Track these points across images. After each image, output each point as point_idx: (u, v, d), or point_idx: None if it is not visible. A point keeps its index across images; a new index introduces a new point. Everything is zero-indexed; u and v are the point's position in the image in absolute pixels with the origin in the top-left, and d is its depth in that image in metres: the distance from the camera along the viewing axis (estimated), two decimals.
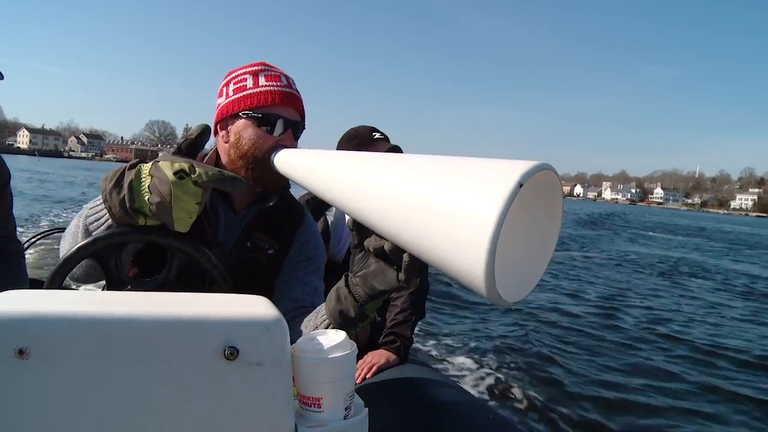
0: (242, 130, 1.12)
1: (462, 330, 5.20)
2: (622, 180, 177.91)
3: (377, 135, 1.91)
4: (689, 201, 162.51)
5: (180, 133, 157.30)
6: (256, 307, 0.62)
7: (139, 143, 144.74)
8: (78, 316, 0.55)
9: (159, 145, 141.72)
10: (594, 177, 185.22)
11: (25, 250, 2.01)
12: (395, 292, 2.01)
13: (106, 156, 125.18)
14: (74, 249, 0.84)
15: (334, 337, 0.66)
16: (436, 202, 0.60)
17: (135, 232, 0.86)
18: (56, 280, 0.84)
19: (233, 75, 1.17)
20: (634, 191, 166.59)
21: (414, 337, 2.00)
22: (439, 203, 0.59)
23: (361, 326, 0.92)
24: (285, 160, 1.04)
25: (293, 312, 1.12)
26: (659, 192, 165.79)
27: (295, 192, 1.35)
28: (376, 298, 0.86)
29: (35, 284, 2.06)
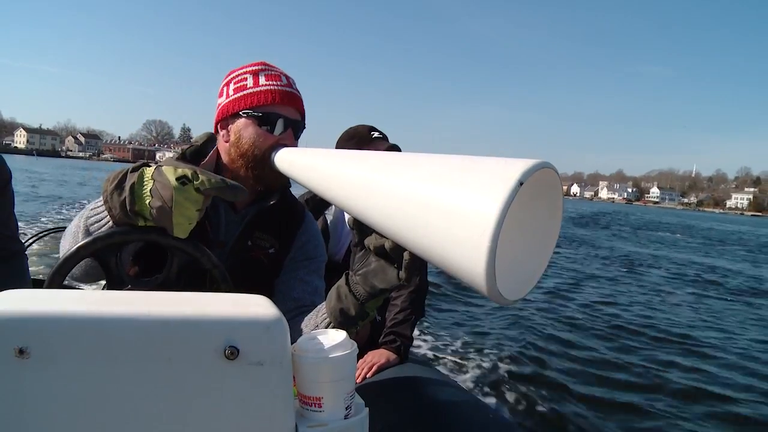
0: (242, 129, 1.12)
1: (462, 329, 5.20)
2: (618, 179, 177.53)
3: (376, 134, 1.91)
4: (685, 200, 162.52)
5: (177, 133, 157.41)
6: (257, 306, 0.62)
7: (136, 143, 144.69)
8: (78, 315, 0.55)
9: (156, 144, 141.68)
10: (591, 176, 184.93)
11: (26, 249, 2.02)
12: (395, 291, 2.01)
13: (104, 156, 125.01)
14: (74, 248, 0.84)
15: (334, 337, 0.66)
16: (436, 201, 0.60)
17: (135, 232, 0.86)
18: (56, 279, 0.84)
19: (234, 75, 1.17)
20: (630, 191, 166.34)
21: (414, 336, 2.00)
22: (440, 201, 0.59)
23: (362, 324, 0.92)
24: (285, 159, 1.04)
25: (294, 311, 1.12)
26: (655, 191, 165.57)
27: (295, 191, 1.35)
28: (377, 296, 0.86)
29: (36, 284, 2.06)
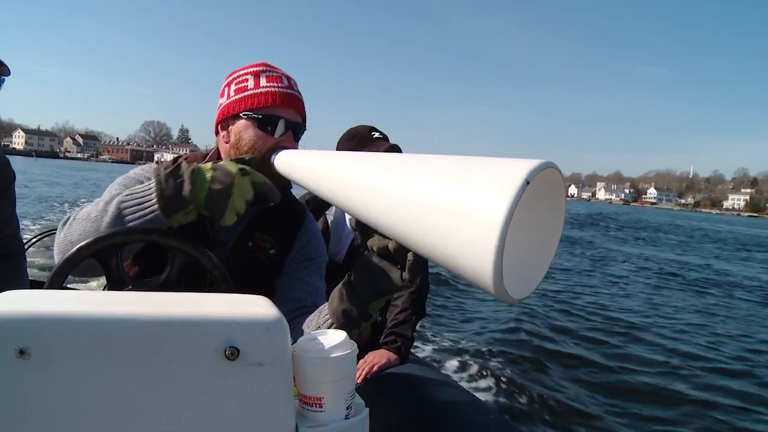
0: (243, 130, 1.12)
1: (463, 330, 5.20)
2: (616, 180, 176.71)
3: (376, 134, 1.90)
4: (682, 201, 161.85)
5: (175, 134, 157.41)
6: (257, 307, 0.62)
7: (134, 144, 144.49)
8: (78, 316, 0.55)
9: (154, 146, 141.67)
10: (589, 177, 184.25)
11: (25, 250, 2.02)
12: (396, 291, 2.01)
13: (102, 157, 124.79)
14: (75, 249, 0.84)
15: (334, 337, 0.66)
16: (442, 201, 0.59)
17: (136, 232, 0.86)
18: (57, 280, 0.84)
19: (235, 75, 1.16)
20: (627, 191, 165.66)
21: (415, 336, 2.00)
22: (446, 202, 0.59)
23: (365, 326, 0.92)
24: (285, 161, 1.04)
25: (295, 312, 1.12)
26: (653, 192, 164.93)
27: (295, 192, 1.35)
28: (380, 297, 0.86)
29: (35, 285, 2.06)
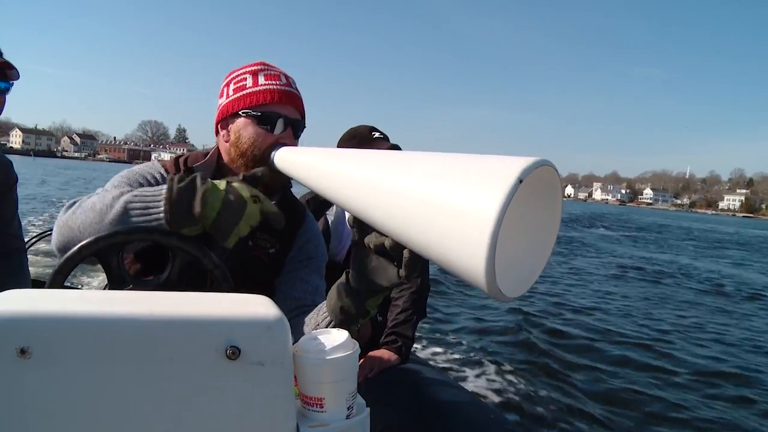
0: (242, 128, 1.12)
1: (463, 330, 5.20)
2: (613, 180, 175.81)
3: (377, 134, 1.91)
4: (678, 201, 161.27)
5: (173, 133, 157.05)
6: (258, 306, 0.62)
7: (131, 143, 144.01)
8: (80, 315, 0.55)
9: (152, 145, 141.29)
10: (585, 177, 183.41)
11: (26, 248, 2.02)
12: (396, 291, 2.01)
13: (99, 156, 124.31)
14: (76, 249, 0.84)
15: (336, 337, 0.66)
16: (436, 199, 0.60)
17: (137, 231, 0.86)
18: (58, 279, 0.84)
19: (233, 75, 1.17)
20: (624, 192, 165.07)
21: (415, 336, 2.00)
22: (439, 199, 0.59)
23: (363, 323, 0.92)
24: (285, 158, 1.04)
25: (295, 311, 1.12)
26: (649, 193, 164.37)
27: (296, 192, 1.35)
28: (378, 294, 0.86)
29: (36, 285, 2.06)
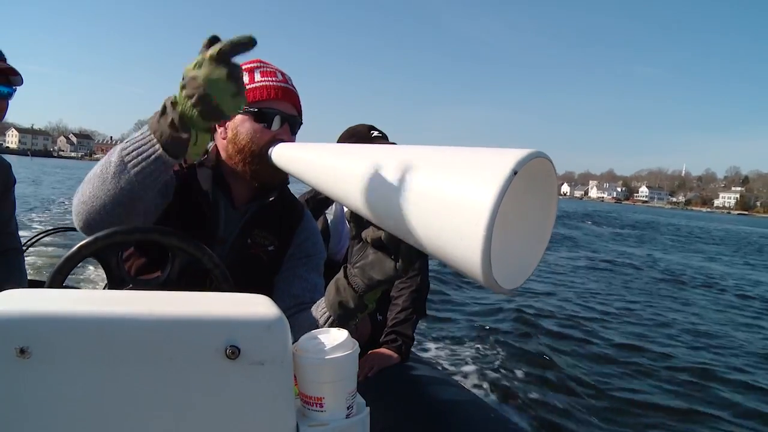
0: (239, 125, 1.13)
1: (463, 329, 5.20)
2: (609, 179, 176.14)
3: (375, 133, 1.91)
4: (674, 199, 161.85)
5: None
6: (258, 306, 0.62)
7: None
8: (79, 315, 0.55)
9: None
10: (582, 176, 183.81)
11: (25, 249, 2.02)
12: (396, 290, 2.02)
13: (96, 156, 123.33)
14: (75, 248, 0.84)
15: (335, 337, 0.66)
16: (431, 191, 0.60)
17: (137, 231, 0.86)
18: (57, 279, 0.84)
19: None
20: (620, 190, 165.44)
21: (415, 335, 2.01)
22: (435, 192, 0.59)
23: (361, 317, 0.93)
24: (283, 154, 1.04)
25: (293, 308, 1.13)
26: (644, 190, 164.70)
27: (295, 190, 1.35)
28: (375, 288, 0.87)
29: (36, 285, 2.06)
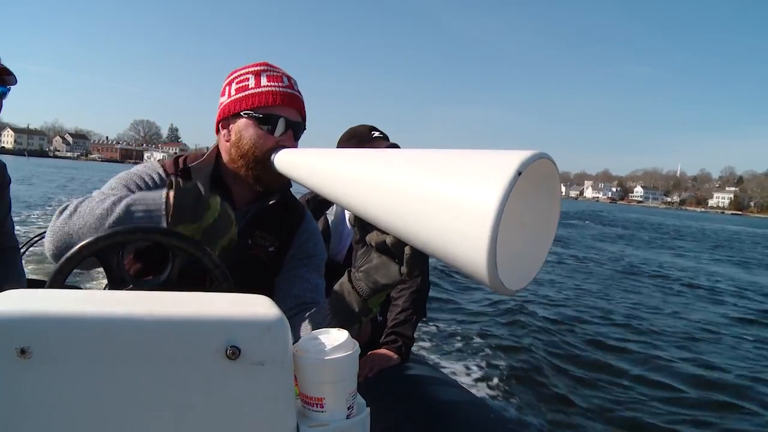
0: (243, 129, 1.13)
1: (463, 329, 5.19)
2: (604, 179, 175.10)
3: (376, 133, 1.91)
4: (668, 199, 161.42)
5: (165, 132, 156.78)
6: (258, 306, 0.62)
7: (124, 143, 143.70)
8: (80, 315, 0.55)
9: (144, 144, 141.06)
10: (577, 176, 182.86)
11: (26, 250, 2.02)
12: (396, 291, 2.02)
13: (92, 156, 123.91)
14: (76, 248, 0.84)
15: (336, 337, 0.66)
16: (436, 194, 0.60)
17: (138, 231, 0.86)
18: (58, 279, 0.84)
19: (236, 75, 1.17)
20: (614, 190, 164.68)
21: (415, 336, 2.00)
22: (440, 195, 0.59)
23: (365, 321, 0.93)
24: (285, 160, 1.05)
25: (294, 309, 1.13)
26: (639, 190, 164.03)
27: (295, 191, 1.35)
28: (380, 292, 0.87)
29: (37, 285, 2.07)
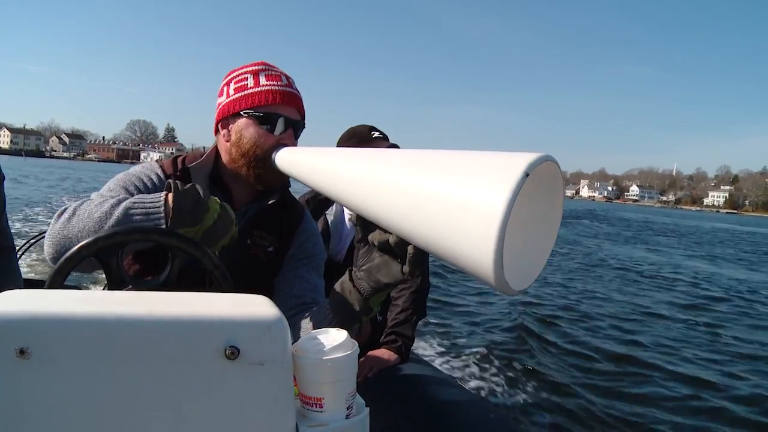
0: (243, 129, 1.13)
1: (463, 329, 5.20)
2: (600, 178, 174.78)
3: (376, 133, 1.91)
4: (664, 198, 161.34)
5: (161, 132, 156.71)
6: (257, 306, 0.62)
7: (120, 143, 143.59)
8: (79, 315, 0.55)
9: (141, 144, 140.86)
10: (573, 175, 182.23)
11: (25, 250, 2.02)
12: (396, 291, 2.01)
13: (88, 156, 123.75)
14: (75, 248, 0.84)
15: (335, 337, 0.66)
16: (442, 194, 0.60)
17: (137, 231, 0.86)
18: (57, 279, 0.84)
19: (234, 74, 1.17)
20: (610, 189, 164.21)
21: (415, 336, 2.00)
22: (446, 195, 0.59)
23: (365, 320, 0.93)
24: (286, 158, 1.05)
25: (294, 309, 1.13)
26: (635, 190, 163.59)
27: (295, 192, 1.36)
28: (381, 291, 0.87)
29: (35, 285, 2.07)
